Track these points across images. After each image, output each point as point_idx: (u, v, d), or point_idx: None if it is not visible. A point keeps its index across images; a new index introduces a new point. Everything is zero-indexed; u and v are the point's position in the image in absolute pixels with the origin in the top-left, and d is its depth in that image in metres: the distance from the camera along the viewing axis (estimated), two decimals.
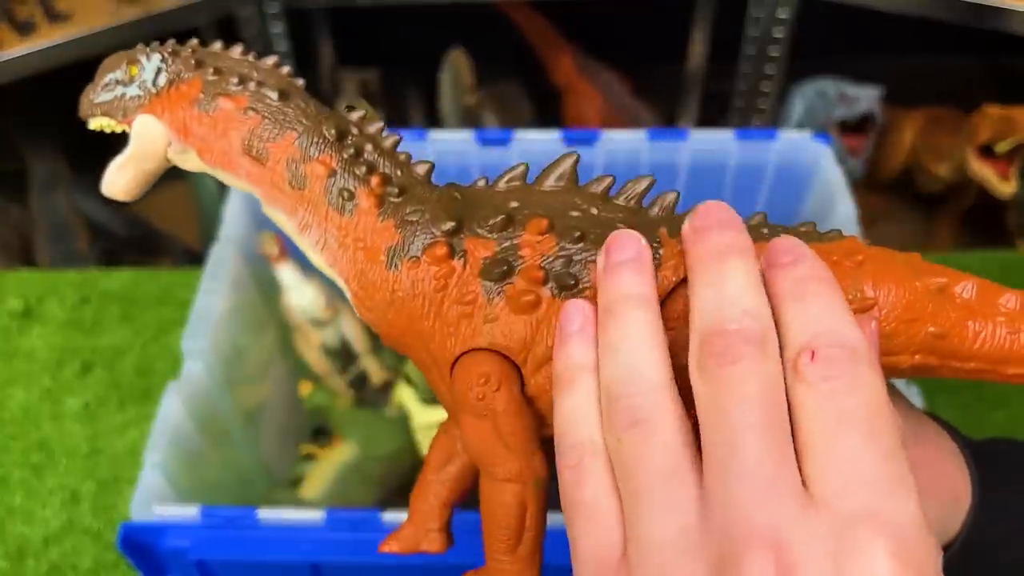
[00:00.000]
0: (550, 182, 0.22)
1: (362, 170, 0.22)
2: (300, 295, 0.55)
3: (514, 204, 0.21)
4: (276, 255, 0.54)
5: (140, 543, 0.38)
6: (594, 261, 0.20)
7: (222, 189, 0.98)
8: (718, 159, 0.57)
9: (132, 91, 0.24)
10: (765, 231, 0.22)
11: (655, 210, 0.22)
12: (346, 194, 0.22)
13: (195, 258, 0.99)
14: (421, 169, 0.23)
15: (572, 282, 0.20)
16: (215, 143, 0.23)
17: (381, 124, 0.24)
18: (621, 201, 0.22)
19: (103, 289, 0.71)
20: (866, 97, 0.92)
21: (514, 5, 1.04)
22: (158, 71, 0.24)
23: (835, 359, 0.17)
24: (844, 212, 0.52)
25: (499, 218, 0.21)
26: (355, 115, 0.23)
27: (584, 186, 0.22)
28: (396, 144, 0.24)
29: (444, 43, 1.02)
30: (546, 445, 0.21)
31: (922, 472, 0.20)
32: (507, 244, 0.21)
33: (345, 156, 0.22)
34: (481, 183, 0.23)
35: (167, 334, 0.67)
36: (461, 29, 1.02)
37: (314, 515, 0.39)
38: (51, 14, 0.79)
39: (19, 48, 0.77)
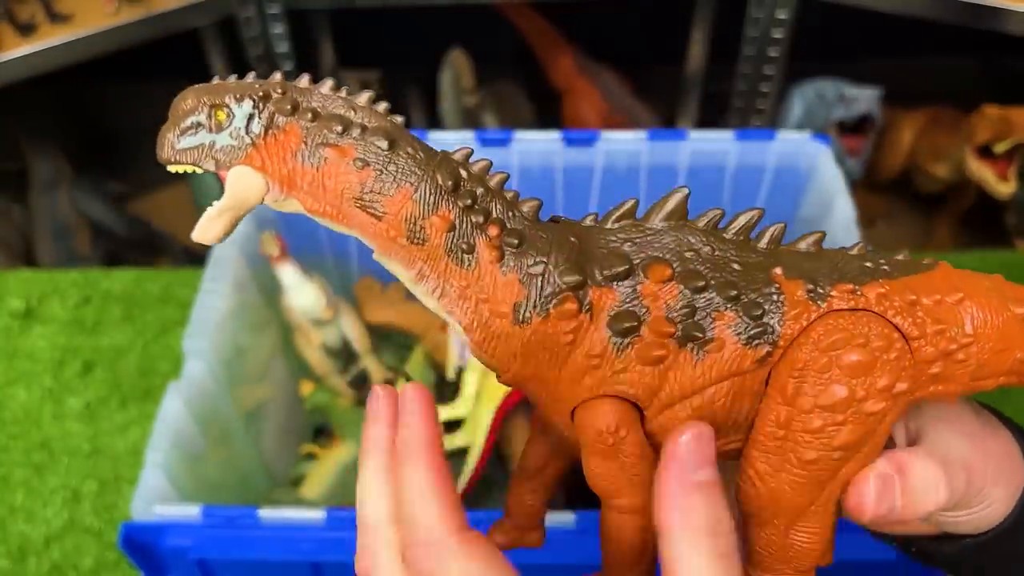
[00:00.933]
0: (660, 218, 0.22)
1: (479, 219, 0.21)
2: (301, 295, 0.55)
3: (629, 247, 0.22)
4: (277, 255, 0.54)
5: (141, 542, 0.39)
6: (719, 310, 0.21)
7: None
8: (717, 160, 0.57)
9: (223, 140, 0.22)
10: (869, 265, 0.23)
11: (764, 242, 0.23)
12: (465, 246, 0.21)
13: (196, 258, 0.99)
14: (528, 208, 0.22)
15: (699, 334, 0.21)
16: (323, 196, 0.22)
17: (487, 162, 0.22)
18: (731, 235, 0.22)
19: (104, 289, 0.71)
20: (865, 98, 0.93)
21: (514, 6, 1.04)
22: (250, 117, 0.22)
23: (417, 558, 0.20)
24: (843, 212, 0.52)
25: (622, 268, 0.21)
26: (459, 153, 0.22)
27: (694, 221, 0.22)
28: (503, 183, 0.22)
29: (444, 44, 1.02)
30: None
31: (992, 460, 0.23)
32: (631, 292, 0.21)
33: (462, 206, 0.21)
34: (590, 220, 0.23)
35: (168, 334, 0.67)
36: (461, 30, 1.03)
37: (315, 514, 0.39)
38: (52, 15, 0.79)
39: (20, 48, 0.77)
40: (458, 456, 0.52)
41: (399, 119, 0.22)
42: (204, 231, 0.23)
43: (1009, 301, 0.22)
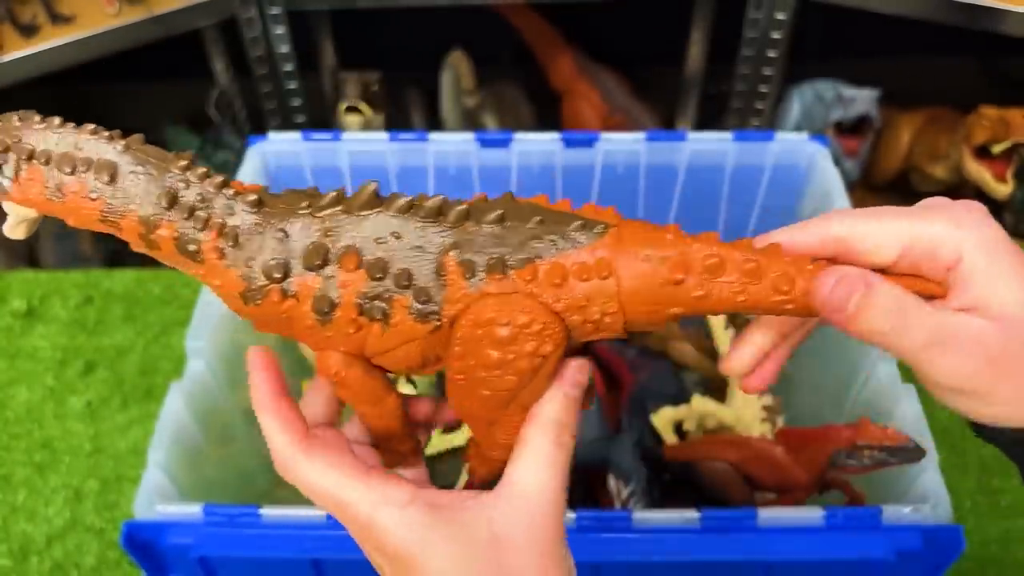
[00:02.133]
0: (359, 206, 0.26)
1: (198, 225, 0.26)
2: None
3: (330, 238, 0.26)
4: None
5: (143, 541, 0.39)
6: (395, 295, 0.26)
7: None
8: (716, 161, 0.58)
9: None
10: (537, 244, 0.27)
11: (451, 218, 0.26)
12: (193, 248, 0.26)
13: None
14: (250, 201, 0.27)
15: (381, 315, 0.26)
16: (77, 218, 0.27)
17: (205, 168, 0.27)
18: (421, 216, 0.26)
19: (106, 289, 0.71)
20: (863, 98, 0.93)
21: (514, 7, 1.05)
22: (2, 166, 0.27)
23: None
24: None
25: (318, 261, 0.26)
26: (179, 163, 0.27)
27: (388, 202, 0.26)
28: (222, 184, 0.27)
29: (444, 45, 1.02)
30: None
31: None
32: (330, 279, 0.26)
33: (180, 218, 0.26)
34: (305, 205, 0.27)
35: (170, 334, 0.68)
36: (461, 31, 1.03)
37: (316, 513, 0.39)
38: (54, 16, 0.80)
39: (22, 50, 0.77)
40: (457, 455, 0.53)
41: (122, 144, 0.27)
42: (12, 231, 0.29)
43: (660, 262, 0.26)
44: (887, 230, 0.25)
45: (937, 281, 0.25)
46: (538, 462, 0.26)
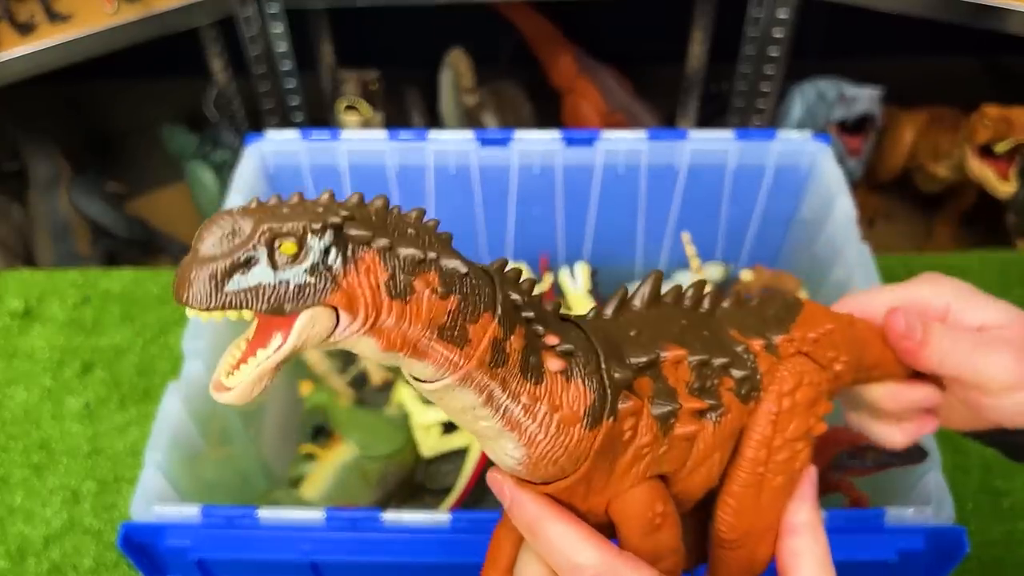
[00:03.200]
0: (641, 301, 0.24)
1: (541, 330, 0.21)
2: None
3: (633, 332, 0.23)
4: None
5: (141, 543, 0.39)
6: (720, 377, 0.23)
7: (221, 188, 0.98)
8: (717, 159, 0.57)
9: (296, 278, 0.18)
10: (771, 313, 0.26)
11: (705, 306, 0.25)
12: (535, 360, 0.21)
13: None
14: (552, 308, 0.23)
15: (715, 403, 0.23)
16: (406, 330, 0.19)
17: (517, 268, 0.22)
18: (687, 306, 0.25)
19: (104, 289, 0.71)
20: (865, 97, 0.92)
21: (514, 5, 1.04)
22: (327, 250, 0.19)
23: None
24: (843, 212, 0.52)
25: (650, 356, 0.22)
26: (495, 264, 0.22)
27: (662, 297, 0.24)
28: (533, 285, 0.22)
29: (444, 43, 1.02)
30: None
31: None
32: (658, 377, 0.22)
33: (527, 320, 0.21)
34: (592, 314, 0.24)
35: (168, 334, 0.67)
36: (461, 29, 1.02)
37: (314, 514, 0.39)
38: (52, 14, 0.79)
39: (20, 48, 0.77)
40: (457, 457, 0.52)
41: (445, 234, 0.21)
42: (246, 390, 0.19)
43: (848, 323, 0.28)
44: (888, 298, 0.30)
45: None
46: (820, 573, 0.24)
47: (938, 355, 0.28)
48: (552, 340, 0.21)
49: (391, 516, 0.38)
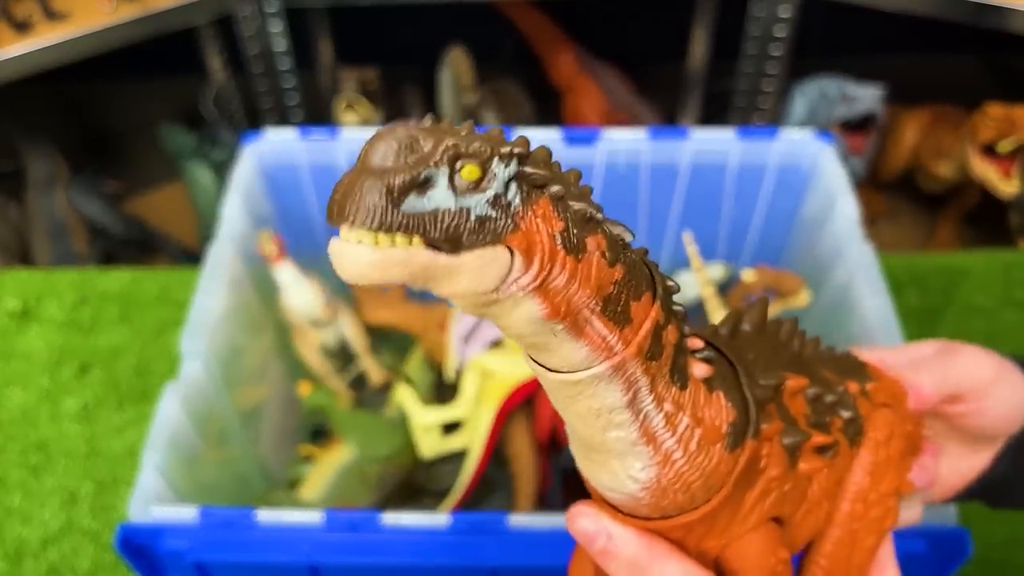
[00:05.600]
0: (747, 326, 0.22)
1: (687, 329, 0.19)
2: (299, 295, 0.54)
3: (751, 356, 0.20)
4: (275, 255, 0.54)
5: (138, 545, 0.38)
6: (831, 415, 0.21)
7: (219, 188, 0.98)
8: (719, 158, 0.57)
9: (478, 207, 0.16)
10: (849, 360, 0.24)
11: (796, 342, 0.23)
12: (683, 361, 0.18)
13: (193, 258, 0.99)
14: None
15: (835, 441, 0.21)
16: (573, 294, 0.17)
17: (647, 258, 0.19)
18: (783, 337, 0.22)
19: (101, 289, 0.71)
20: (868, 96, 0.92)
21: (514, 4, 1.04)
22: (509, 183, 0.16)
23: None
24: (846, 212, 0.52)
25: (777, 380, 0.19)
26: (640, 251, 0.19)
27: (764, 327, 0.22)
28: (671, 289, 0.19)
29: (443, 41, 1.01)
30: None
31: None
32: (781, 406, 0.20)
33: (677, 317, 0.18)
34: (708, 331, 0.21)
35: (165, 334, 0.67)
36: (460, 27, 1.02)
37: (313, 516, 0.38)
38: (49, 12, 0.79)
39: (17, 46, 0.77)
40: (456, 458, 0.52)
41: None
42: (382, 266, 0.16)
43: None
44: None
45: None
46: None
47: (930, 389, 0.26)
48: (696, 343, 0.19)
49: (390, 518, 0.38)
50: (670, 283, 0.19)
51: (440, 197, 0.16)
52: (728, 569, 0.20)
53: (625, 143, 0.56)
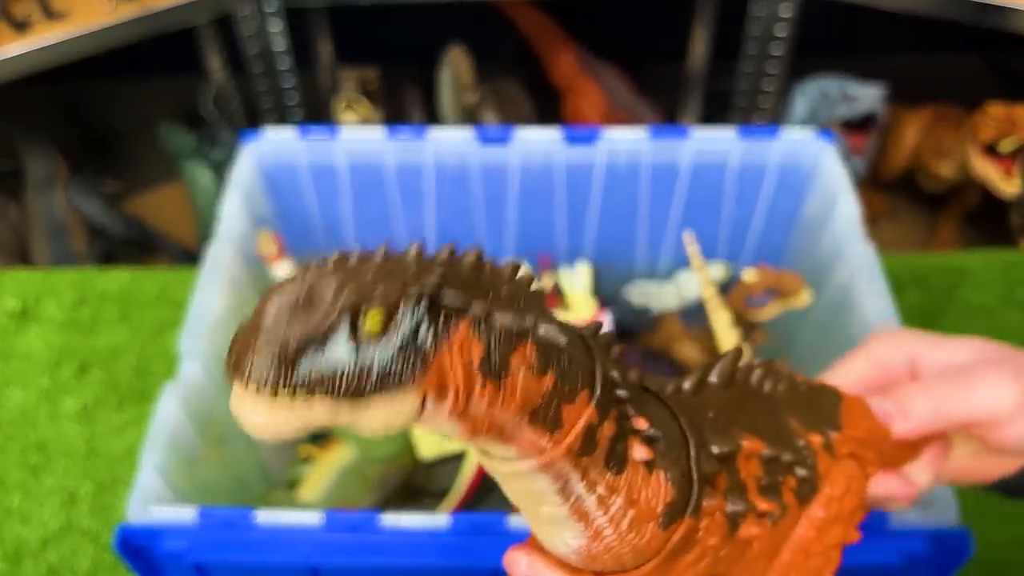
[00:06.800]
0: (715, 379, 0.21)
1: (632, 411, 0.18)
2: None
3: (711, 414, 0.20)
4: (274, 255, 0.54)
5: (137, 545, 0.38)
6: (784, 475, 0.21)
7: (218, 187, 0.98)
8: (720, 157, 0.57)
9: (381, 356, 0.15)
10: (822, 404, 0.24)
11: (767, 386, 0.23)
12: (622, 448, 0.18)
13: (192, 257, 0.99)
14: (634, 377, 0.19)
15: (779, 505, 0.21)
16: (496, 414, 0.16)
17: (608, 333, 0.19)
18: (752, 383, 0.22)
19: (101, 289, 0.70)
20: (869, 96, 0.92)
21: (514, 3, 1.04)
22: (419, 324, 0.15)
23: None
24: (846, 211, 0.52)
25: (731, 448, 0.19)
26: (588, 330, 0.18)
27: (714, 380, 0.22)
28: (621, 350, 0.19)
29: (443, 41, 1.01)
30: None
31: None
32: (733, 471, 0.20)
33: (620, 404, 0.18)
34: (671, 388, 0.21)
35: (165, 334, 0.67)
36: (460, 27, 1.02)
37: (312, 517, 0.38)
38: (48, 12, 0.79)
39: (16, 46, 0.77)
40: (456, 459, 0.52)
41: (538, 291, 0.18)
42: (277, 427, 0.16)
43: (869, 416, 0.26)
44: (855, 374, 0.28)
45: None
46: None
47: (925, 416, 0.25)
48: (640, 424, 0.18)
49: (390, 519, 0.38)
50: (613, 373, 0.18)
51: (339, 352, 0.15)
52: None
53: (625, 143, 0.56)
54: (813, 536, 0.22)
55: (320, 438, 0.56)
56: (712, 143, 0.56)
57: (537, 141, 0.56)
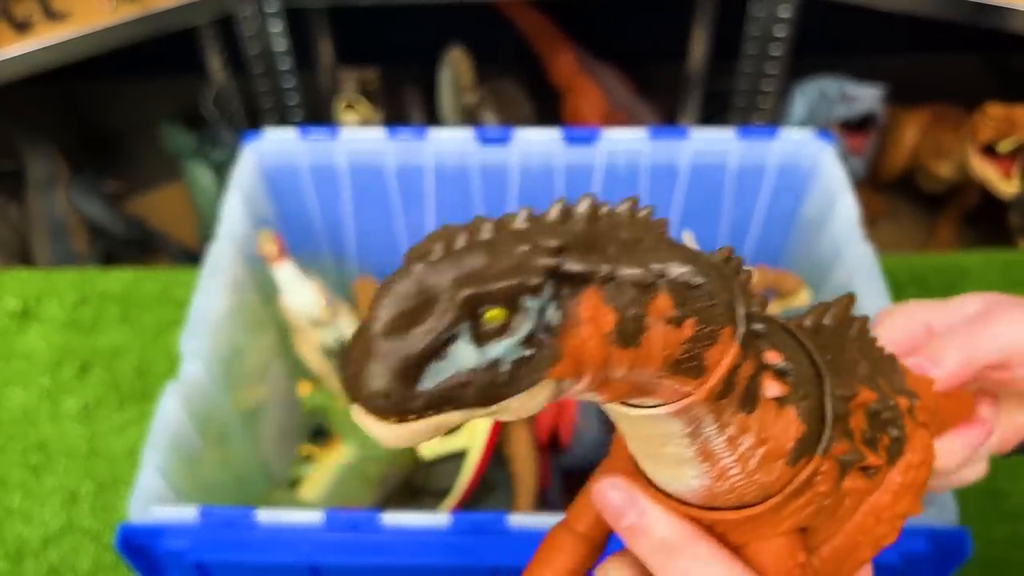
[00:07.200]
0: (828, 321, 0.21)
1: (766, 346, 0.17)
2: (299, 295, 0.54)
3: (829, 357, 0.19)
4: (275, 255, 0.54)
5: (139, 545, 0.38)
6: (880, 432, 0.20)
7: (219, 187, 0.98)
8: (719, 158, 0.57)
9: (510, 353, 0.14)
10: (896, 370, 0.24)
11: (866, 341, 0.22)
12: (755, 387, 0.17)
13: (193, 258, 0.99)
14: (760, 304, 0.18)
15: (882, 460, 0.20)
16: (636, 377, 0.15)
17: (739, 259, 0.17)
18: (854, 335, 0.21)
19: (102, 289, 0.71)
20: (868, 96, 0.92)
21: (514, 4, 1.04)
22: (545, 307, 0.14)
23: None
24: (845, 211, 0.52)
25: (851, 392, 0.18)
26: (720, 256, 0.17)
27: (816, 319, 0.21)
28: (750, 278, 0.18)
29: (443, 41, 1.01)
30: None
31: None
32: (844, 419, 0.19)
33: (758, 339, 0.17)
34: (794, 322, 0.20)
35: (166, 334, 0.67)
36: (460, 27, 1.02)
37: (313, 516, 0.38)
38: (49, 12, 0.79)
39: (16, 46, 0.77)
40: (457, 458, 0.52)
41: (660, 222, 0.16)
42: (410, 437, 0.14)
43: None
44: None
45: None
46: None
47: (958, 361, 0.25)
48: (773, 358, 0.17)
49: (390, 518, 0.38)
50: (753, 304, 0.17)
51: (463, 356, 0.14)
52: (750, 565, 0.19)
53: (625, 143, 0.56)
54: (887, 501, 0.21)
55: (321, 438, 0.57)
56: (711, 143, 0.56)
57: (537, 141, 0.56)
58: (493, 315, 0.14)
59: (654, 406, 0.16)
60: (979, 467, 0.29)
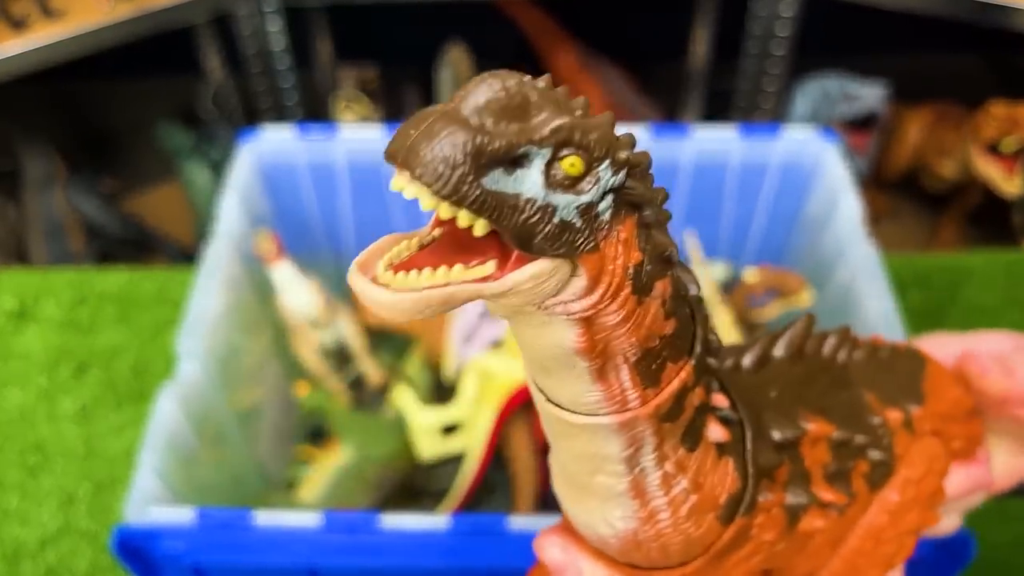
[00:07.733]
0: (780, 352, 0.19)
1: (715, 384, 0.17)
2: (297, 295, 0.54)
3: (774, 393, 0.18)
4: (272, 254, 0.54)
5: (135, 547, 0.38)
6: (854, 459, 0.19)
7: (217, 187, 0.98)
8: (721, 156, 0.57)
9: (567, 210, 0.13)
10: (903, 378, 0.23)
11: (842, 356, 0.21)
12: (699, 425, 0.16)
13: (190, 257, 0.98)
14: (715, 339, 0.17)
15: (850, 494, 0.19)
16: (615, 339, 0.15)
17: (695, 287, 0.17)
18: (826, 353, 0.20)
19: (99, 289, 0.70)
20: (870, 95, 0.92)
21: (514, 1, 1.03)
22: (606, 195, 0.14)
23: None
24: (848, 211, 0.52)
25: (795, 434, 0.17)
26: (687, 279, 0.16)
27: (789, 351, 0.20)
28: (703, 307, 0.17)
29: (443, 39, 1.01)
30: None
31: None
32: (796, 458, 0.18)
33: (710, 374, 0.17)
34: (729, 363, 0.19)
35: (163, 334, 0.67)
36: (460, 25, 1.02)
37: (311, 518, 0.38)
38: (46, 10, 0.78)
39: (13, 44, 0.76)
40: (455, 460, 0.52)
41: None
42: (407, 305, 0.13)
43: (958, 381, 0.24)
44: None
45: None
46: None
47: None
48: (720, 401, 0.17)
49: (389, 520, 0.38)
50: (712, 337, 0.16)
51: (530, 183, 0.13)
52: None
53: None
54: (885, 521, 0.20)
55: (319, 439, 0.56)
56: (713, 142, 0.56)
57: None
58: (572, 163, 0.13)
59: (602, 413, 0.16)
60: (953, 519, 0.27)
